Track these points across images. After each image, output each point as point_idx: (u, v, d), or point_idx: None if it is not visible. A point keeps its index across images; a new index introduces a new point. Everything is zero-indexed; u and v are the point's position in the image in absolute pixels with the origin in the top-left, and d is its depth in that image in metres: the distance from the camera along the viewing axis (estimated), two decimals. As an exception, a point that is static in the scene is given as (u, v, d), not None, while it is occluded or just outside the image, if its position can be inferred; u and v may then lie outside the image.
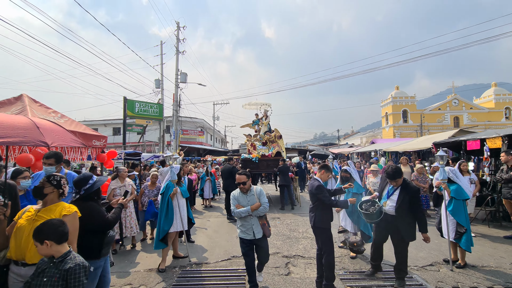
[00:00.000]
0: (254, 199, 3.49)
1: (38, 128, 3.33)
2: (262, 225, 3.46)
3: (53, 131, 3.61)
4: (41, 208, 2.32)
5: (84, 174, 2.68)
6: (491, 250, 4.86)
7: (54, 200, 2.36)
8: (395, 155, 12.11)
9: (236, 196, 3.55)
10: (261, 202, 3.46)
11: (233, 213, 3.46)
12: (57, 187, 2.38)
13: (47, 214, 2.27)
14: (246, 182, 3.48)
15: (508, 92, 39.79)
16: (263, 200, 3.47)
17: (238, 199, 3.52)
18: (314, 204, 3.69)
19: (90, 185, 2.59)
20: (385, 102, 43.17)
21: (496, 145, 6.43)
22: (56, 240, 1.85)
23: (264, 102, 11.60)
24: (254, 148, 10.15)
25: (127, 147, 19.05)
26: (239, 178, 3.48)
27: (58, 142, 3.55)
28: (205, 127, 33.49)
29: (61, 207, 2.34)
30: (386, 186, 3.83)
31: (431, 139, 9.81)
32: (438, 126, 38.79)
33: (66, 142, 3.72)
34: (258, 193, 3.51)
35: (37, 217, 2.25)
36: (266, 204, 3.49)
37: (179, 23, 19.11)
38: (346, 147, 29.59)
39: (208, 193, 9.64)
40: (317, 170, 3.91)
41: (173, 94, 19.49)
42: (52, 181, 2.37)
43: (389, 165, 3.82)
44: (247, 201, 3.48)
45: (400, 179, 3.56)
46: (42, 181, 2.38)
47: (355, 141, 48.53)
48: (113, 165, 6.73)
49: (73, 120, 5.69)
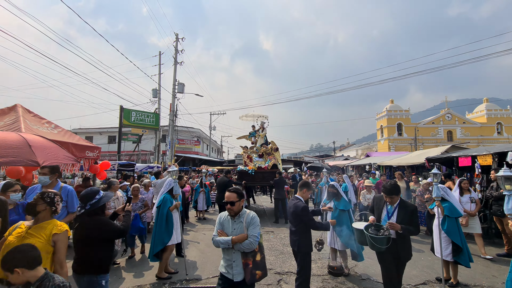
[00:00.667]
0: (241, 227, 2.69)
1: (29, 146, 3.32)
2: (245, 265, 2.61)
3: (45, 149, 3.59)
4: (32, 225, 2.28)
5: (92, 189, 2.65)
6: (484, 268, 4.86)
7: (46, 217, 2.34)
8: (389, 169, 12.18)
9: (222, 220, 2.80)
10: (249, 234, 2.62)
11: (213, 240, 2.73)
12: (50, 205, 2.36)
13: (38, 232, 2.24)
14: (235, 203, 2.69)
15: (499, 108, 40.72)
16: (252, 231, 2.63)
17: (223, 223, 2.78)
18: (297, 226, 3.45)
19: (96, 200, 2.55)
20: (380, 115, 43.78)
21: (487, 162, 6.53)
22: (27, 266, 1.75)
23: (261, 114, 11.69)
24: (251, 160, 10.16)
25: (122, 155, 18.89)
26: (228, 196, 2.72)
27: (50, 160, 3.53)
28: (201, 137, 33.47)
29: (52, 225, 2.31)
30: (384, 206, 3.44)
31: (424, 154, 9.93)
32: (432, 140, 39.31)
33: (58, 159, 3.69)
34: (248, 221, 2.69)
35: (27, 235, 2.22)
36: (255, 238, 2.62)
37: (178, 34, 19.41)
38: (341, 159, 29.72)
39: (202, 205, 9.50)
40: (298, 188, 3.71)
41: (170, 104, 19.56)
42: (45, 198, 2.35)
43: (387, 181, 3.70)
44: (232, 229, 2.70)
45: (397, 196, 3.31)
46: (36, 197, 2.36)
47: (351, 153, 48.80)
48: (106, 176, 6.67)
49: (67, 130, 5.67)
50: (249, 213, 2.78)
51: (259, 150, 10.23)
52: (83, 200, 2.55)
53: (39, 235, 2.23)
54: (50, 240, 2.24)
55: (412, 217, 3.20)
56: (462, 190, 5.65)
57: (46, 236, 2.24)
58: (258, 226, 2.71)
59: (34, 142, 3.46)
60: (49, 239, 2.24)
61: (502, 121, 39.95)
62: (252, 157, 10.19)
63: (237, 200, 2.73)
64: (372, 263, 4.85)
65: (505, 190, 3.04)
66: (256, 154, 10.21)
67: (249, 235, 2.62)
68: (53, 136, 4.90)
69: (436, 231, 4.32)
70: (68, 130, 5.77)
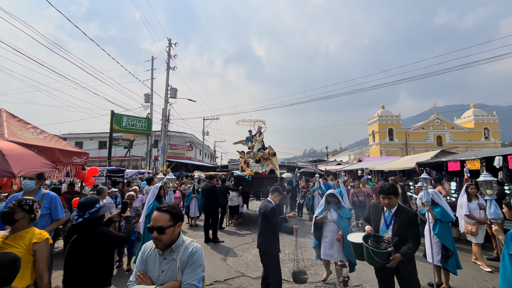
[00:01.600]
0: (174, 269, 1.74)
1: (3, 156, 3.16)
2: None
3: (21, 157, 3.41)
4: (9, 235, 2.17)
5: (92, 197, 2.47)
6: (474, 273, 4.88)
7: (24, 226, 2.23)
8: (381, 174, 12.30)
9: (145, 255, 1.83)
10: (183, 282, 1.69)
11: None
12: (28, 212, 2.25)
13: (16, 242, 2.13)
14: (166, 230, 1.73)
15: (486, 114, 41.93)
16: (189, 276, 1.70)
17: (146, 261, 1.82)
18: (265, 227, 3.61)
19: (96, 209, 2.35)
20: (372, 120, 44.44)
21: (475, 166, 6.64)
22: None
23: (258, 119, 11.57)
24: (248, 165, 10.04)
25: (112, 161, 18.54)
26: (156, 218, 1.75)
27: (26, 170, 3.34)
28: (194, 142, 33.23)
29: (31, 233, 2.20)
30: (381, 214, 3.08)
31: (415, 159, 10.05)
32: (422, 145, 40.07)
33: (35, 168, 3.50)
34: (185, 259, 1.75)
35: (5, 245, 2.11)
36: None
37: (170, 39, 19.39)
38: (334, 164, 29.91)
39: (194, 211, 9.33)
40: (270, 192, 3.90)
41: (163, 109, 19.40)
42: (23, 206, 2.24)
43: (383, 183, 3.55)
44: (159, 270, 1.76)
45: (396, 198, 2.95)
46: (12, 206, 2.24)
47: (344, 158, 49.21)
48: (94, 182, 6.50)
49: (53, 136, 5.50)
50: (188, 245, 1.81)
51: (256, 155, 10.12)
52: (82, 208, 2.34)
53: (18, 245, 2.12)
54: (30, 249, 2.14)
55: (410, 224, 2.85)
56: (470, 196, 5.36)
57: (26, 246, 2.13)
58: (200, 267, 1.76)
59: (8, 151, 3.29)
60: (28, 248, 2.13)
61: (489, 126, 41.11)
62: (249, 162, 10.08)
63: (170, 225, 1.75)
64: (364, 269, 4.82)
65: (486, 195, 3.06)
66: (253, 159, 10.09)
67: (184, 284, 1.68)
68: (38, 142, 4.74)
69: (428, 236, 4.34)
70: (55, 135, 5.61)
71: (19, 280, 2.07)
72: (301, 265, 4.08)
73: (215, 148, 44.18)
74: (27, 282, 2.11)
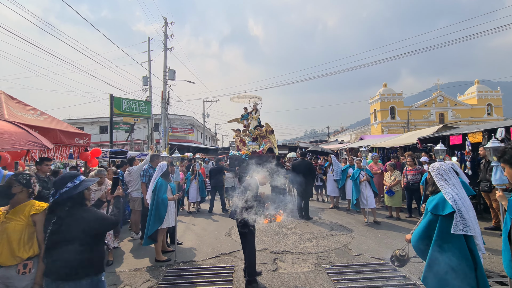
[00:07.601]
0: None
1: None
2: None
3: (4, 133, 3.08)
4: (9, 209, 2.22)
5: (65, 174, 2.15)
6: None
7: (23, 199, 2.25)
8: (382, 150, 12.31)
9: None
10: None
11: None
12: (26, 186, 2.26)
13: (16, 215, 2.18)
14: None
15: (489, 89, 41.17)
16: None
17: None
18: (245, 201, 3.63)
19: (68, 189, 2.02)
20: (374, 99, 43.87)
21: (477, 139, 6.62)
22: None
23: (253, 95, 11.18)
24: (244, 144, 9.70)
25: (114, 145, 18.63)
26: None
27: (5, 146, 2.97)
28: (195, 125, 33.15)
29: (30, 206, 2.24)
30: None
31: (416, 135, 10.01)
32: (424, 122, 39.73)
33: (18, 145, 3.10)
34: None
35: (6, 219, 2.16)
36: None
37: (166, 18, 18.75)
38: (336, 144, 29.94)
39: (196, 196, 8.31)
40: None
41: (162, 92, 19.16)
42: (21, 180, 2.26)
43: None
44: None
45: None
46: (9, 180, 2.26)
47: (345, 138, 49.11)
48: (97, 163, 6.56)
49: (54, 117, 5.49)
50: None
51: (252, 133, 9.76)
52: (54, 186, 2.09)
53: (19, 217, 2.17)
54: (30, 220, 2.19)
55: None
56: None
57: (26, 218, 2.18)
58: None
59: None
60: (29, 219, 2.18)
61: (492, 102, 40.52)
62: (245, 141, 9.75)
63: None
64: (365, 240, 4.97)
65: (493, 161, 3.06)
66: (250, 138, 9.76)
67: None
68: (39, 123, 4.73)
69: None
70: (55, 118, 5.60)
71: (28, 250, 2.15)
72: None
73: (216, 131, 44.16)
74: (35, 251, 2.19)
